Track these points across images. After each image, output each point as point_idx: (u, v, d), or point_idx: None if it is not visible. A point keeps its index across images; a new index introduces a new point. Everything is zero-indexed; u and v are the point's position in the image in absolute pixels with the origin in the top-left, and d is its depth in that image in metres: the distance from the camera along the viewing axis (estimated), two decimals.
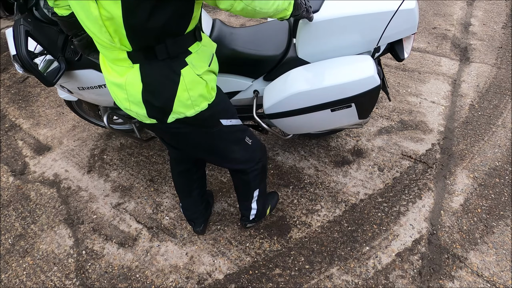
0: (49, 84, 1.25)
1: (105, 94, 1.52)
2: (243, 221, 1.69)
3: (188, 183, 1.59)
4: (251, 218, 1.63)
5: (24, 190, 2.04)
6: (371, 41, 1.38)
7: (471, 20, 3.31)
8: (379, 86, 1.35)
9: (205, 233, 1.74)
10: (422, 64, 2.78)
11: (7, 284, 1.61)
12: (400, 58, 1.42)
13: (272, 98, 1.47)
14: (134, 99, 1.02)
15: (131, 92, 1.00)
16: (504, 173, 1.91)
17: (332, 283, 1.52)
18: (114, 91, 1.06)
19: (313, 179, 1.96)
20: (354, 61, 1.37)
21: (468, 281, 1.49)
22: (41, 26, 1.22)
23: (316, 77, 1.38)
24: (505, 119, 2.24)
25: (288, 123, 1.54)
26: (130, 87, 1.00)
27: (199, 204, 1.66)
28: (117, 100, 1.09)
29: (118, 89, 1.03)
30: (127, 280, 1.59)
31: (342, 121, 1.53)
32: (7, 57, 3.34)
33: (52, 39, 1.26)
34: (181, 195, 1.66)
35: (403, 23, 1.33)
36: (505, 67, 2.69)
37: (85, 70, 1.40)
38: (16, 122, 2.53)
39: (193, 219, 1.70)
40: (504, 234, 1.64)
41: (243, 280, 1.56)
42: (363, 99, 1.38)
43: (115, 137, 2.33)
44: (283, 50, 1.49)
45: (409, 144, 2.12)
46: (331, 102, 1.39)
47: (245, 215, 1.64)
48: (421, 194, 1.84)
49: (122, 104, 1.07)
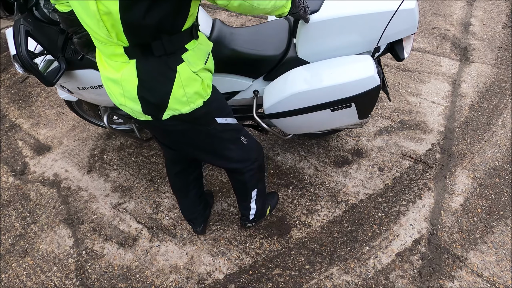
0: (49, 84, 1.25)
1: (105, 94, 1.52)
2: (243, 221, 1.69)
3: (184, 183, 1.59)
4: (251, 218, 1.63)
5: (24, 190, 2.04)
6: (371, 41, 1.38)
7: (471, 20, 3.31)
8: (379, 86, 1.35)
9: (205, 233, 1.74)
10: (422, 64, 2.78)
11: (7, 284, 1.61)
12: (400, 58, 1.42)
13: (272, 98, 1.46)
14: (129, 94, 1.01)
15: (126, 87, 1.00)
16: (504, 173, 1.91)
17: (332, 283, 1.52)
18: (109, 86, 1.06)
19: (313, 179, 1.96)
20: (354, 61, 1.37)
21: (468, 281, 1.49)
22: (41, 26, 1.23)
23: (316, 77, 1.38)
24: (505, 119, 2.24)
25: (288, 123, 1.54)
26: (126, 82, 0.99)
27: (197, 204, 1.66)
28: (112, 95, 1.08)
29: (113, 84, 1.03)
30: (127, 280, 1.59)
31: (342, 121, 1.53)
32: (7, 57, 3.34)
33: (52, 39, 1.26)
34: (179, 196, 1.66)
35: (403, 23, 1.33)
36: (505, 67, 2.69)
37: (85, 70, 1.40)
38: (16, 122, 2.53)
39: (192, 219, 1.70)
40: (504, 234, 1.64)
41: (243, 280, 1.56)
42: (363, 99, 1.38)
43: (115, 137, 2.33)
44: (283, 50, 1.48)
45: (409, 144, 2.12)
46: (331, 102, 1.38)
47: (244, 214, 1.64)
48: (421, 194, 1.84)
49: (118, 99, 1.07)
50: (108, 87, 1.07)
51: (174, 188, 1.63)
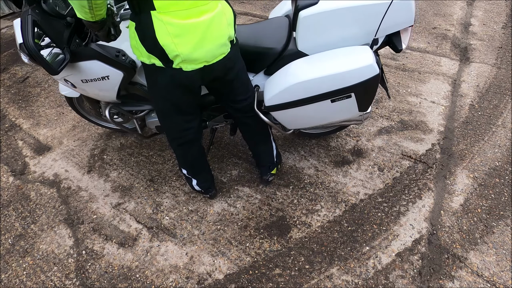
0: (54, 73, 1.27)
1: (108, 88, 1.53)
2: (265, 175, 1.85)
3: (204, 157, 1.74)
4: (275, 160, 1.83)
5: (24, 190, 2.04)
6: (369, 33, 1.41)
7: (471, 20, 3.31)
8: (378, 75, 1.37)
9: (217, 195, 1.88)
10: (422, 64, 2.78)
11: (7, 284, 1.61)
12: (398, 49, 1.45)
13: (272, 89, 1.49)
14: (223, 28, 1.21)
15: (222, 21, 1.21)
16: (504, 173, 1.91)
17: (332, 283, 1.52)
18: (186, 38, 1.16)
19: (313, 179, 1.96)
20: (353, 51, 1.40)
21: (468, 281, 1.49)
22: (48, 18, 1.25)
23: (316, 67, 1.41)
24: (505, 119, 2.24)
25: (289, 116, 1.55)
26: (220, 16, 1.19)
27: (209, 169, 1.82)
28: (186, 46, 1.17)
29: (215, 21, 1.18)
30: (127, 280, 1.59)
31: (342, 113, 1.54)
32: (7, 57, 3.34)
33: (59, 31, 1.30)
34: (198, 171, 1.76)
35: (400, 15, 1.37)
36: (505, 67, 2.69)
37: (89, 61, 1.42)
38: (16, 122, 2.53)
39: (208, 186, 1.83)
40: (504, 234, 1.64)
41: (243, 280, 1.56)
42: (363, 89, 1.40)
43: (115, 137, 2.33)
44: (283, 43, 1.51)
45: (409, 144, 2.12)
46: (331, 92, 1.40)
47: (266, 162, 1.82)
48: (421, 194, 1.84)
49: (197, 50, 1.19)
50: (180, 42, 1.15)
51: (196, 164, 1.72)
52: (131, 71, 1.48)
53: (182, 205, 1.88)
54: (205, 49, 1.20)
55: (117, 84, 1.50)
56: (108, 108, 1.70)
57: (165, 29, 1.13)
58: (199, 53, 1.20)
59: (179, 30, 1.14)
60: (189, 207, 1.87)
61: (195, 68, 1.24)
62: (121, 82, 1.49)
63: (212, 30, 1.18)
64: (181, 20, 1.12)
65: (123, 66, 1.44)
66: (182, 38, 1.15)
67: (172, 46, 1.16)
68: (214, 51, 1.23)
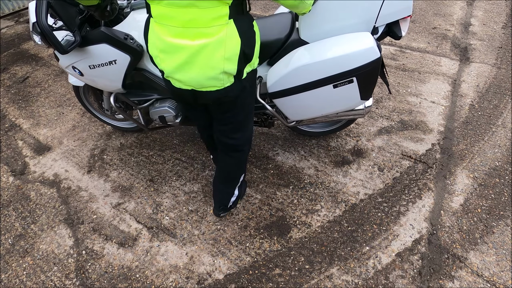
0: (63, 52, 1.30)
1: (115, 73, 1.54)
2: (219, 210, 1.75)
3: (213, 140, 1.70)
4: (230, 205, 1.74)
5: (24, 190, 2.04)
6: (369, 20, 1.45)
7: (471, 20, 3.31)
8: (379, 58, 1.39)
9: None
10: (422, 64, 2.78)
11: (7, 284, 1.61)
12: (397, 35, 1.48)
13: (275, 75, 1.51)
14: (231, 53, 1.07)
15: (230, 46, 1.06)
16: (504, 173, 1.91)
17: (332, 283, 1.52)
18: (195, 57, 1.08)
19: (313, 179, 1.96)
20: (355, 36, 1.43)
21: (468, 281, 1.49)
22: (63, 4, 1.31)
23: (318, 52, 1.44)
24: (505, 119, 2.24)
25: (291, 104, 1.58)
26: (229, 40, 1.05)
27: None
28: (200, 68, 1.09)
29: (207, 50, 1.06)
30: (127, 280, 1.59)
31: (344, 102, 1.56)
32: (7, 57, 3.34)
33: (71, 15, 1.35)
34: (212, 150, 1.83)
35: (398, 3, 1.41)
36: (505, 67, 2.69)
37: (98, 45, 1.44)
38: (16, 122, 2.53)
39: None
40: (504, 234, 1.64)
41: (243, 280, 1.56)
42: (365, 73, 1.42)
43: (115, 137, 2.33)
44: (286, 33, 1.55)
45: (409, 144, 2.12)
46: (333, 76, 1.43)
47: (222, 202, 1.73)
48: (421, 194, 1.84)
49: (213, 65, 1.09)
50: (191, 61, 1.08)
51: (210, 146, 1.78)
52: (138, 54, 1.50)
53: (182, 205, 1.88)
54: (188, 75, 1.11)
55: (124, 69, 1.52)
56: (113, 95, 1.73)
57: (154, 41, 1.11)
58: (182, 75, 1.12)
59: (165, 46, 1.08)
60: (189, 207, 1.87)
61: (182, 88, 1.17)
62: (128, 66, 1.51)
63: (200, 58, 1.07)
64: (171, 37, 1.05)
65: (131, 49, 1.46)
66: (167, 55, 1.10)
67: (157, 60, 1.14)
68: (201, 81, 1.11)
